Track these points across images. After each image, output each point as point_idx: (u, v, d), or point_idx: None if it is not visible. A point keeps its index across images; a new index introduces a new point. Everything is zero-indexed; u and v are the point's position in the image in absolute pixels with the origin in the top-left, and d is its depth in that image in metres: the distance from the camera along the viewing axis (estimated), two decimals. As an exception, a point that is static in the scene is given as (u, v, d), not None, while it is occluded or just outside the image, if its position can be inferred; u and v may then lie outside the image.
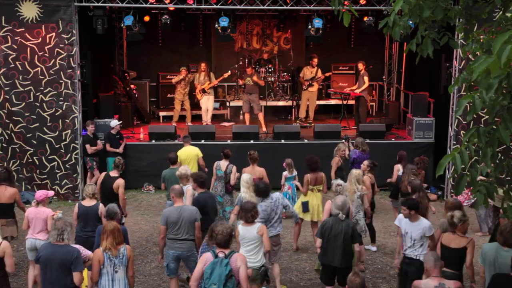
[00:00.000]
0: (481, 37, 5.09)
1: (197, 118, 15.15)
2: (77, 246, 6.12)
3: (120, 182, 8.54)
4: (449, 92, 4.92)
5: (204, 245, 6.29)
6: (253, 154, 9.64)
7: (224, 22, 12.74)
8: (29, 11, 11.54)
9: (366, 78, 14.36)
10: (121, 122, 12.65)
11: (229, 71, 15.07)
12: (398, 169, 10.07)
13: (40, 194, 7.58)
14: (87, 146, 11.81)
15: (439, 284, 5.37)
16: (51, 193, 7.92)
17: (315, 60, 15.18)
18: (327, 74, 15.31)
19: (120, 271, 5.94)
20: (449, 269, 6.26)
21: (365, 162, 9.49)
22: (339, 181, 8.07)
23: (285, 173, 10.44)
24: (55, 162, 11.93)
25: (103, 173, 9.15)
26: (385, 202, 11.83)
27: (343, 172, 10.11)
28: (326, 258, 6.92)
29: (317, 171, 9.19)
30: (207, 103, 14.57)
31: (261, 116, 14.42)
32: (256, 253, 6.68)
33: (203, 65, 14.75)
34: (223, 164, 9.76)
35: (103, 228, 6.05)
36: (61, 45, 11.69)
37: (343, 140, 11.41)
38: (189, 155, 10.49)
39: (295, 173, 10.34)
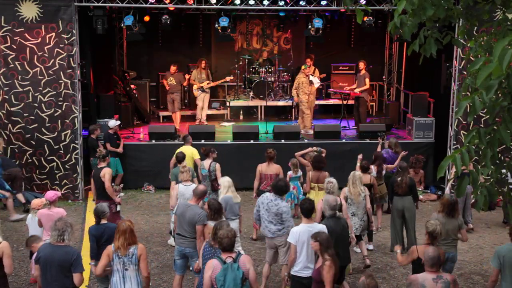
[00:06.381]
0: (484, 38, 5.07)
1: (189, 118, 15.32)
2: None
3: (106, 170, 8.88)
4: (457, 99, 4.84)
5: (206, 246, 6.22)
6: (270, 153, 9.74)
7: (224, 22, 12.76)
8: (29, 11, 11.53)
9: (367, 80, 14.34)
10: (119, 123, 12.63)
11: (232, 76, 15.08)
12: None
13: (52, 194, 7.64)
14: (99, 150, 11.76)
15: (436, 277, 5.40)
16: (59, 193, 8.02)
17: (308, 60, 15.16)
18: (321, 76, 15.29)
19: (131, 269, 6.02)
20: None
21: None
22: (331, 179, 8.00)
23: (289, 173, 10.46)
24: (54, 163, 11.92)
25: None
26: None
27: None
28: (340, 260, 6.85)
29: (321, 170, 9.20)
30: (204, 101, 14.59)
31: (178, 115, 14.55)
32: None
33: (204, 62, 14.72)
34: (206, 163, 9.83)
35: (117, 227, 6.13)
36: (61, 45, 11.67)
37: (378, 137, 11.47)
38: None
39: (299, 173, 10.34)
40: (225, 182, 8.21)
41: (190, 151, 10.59)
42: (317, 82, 14.56)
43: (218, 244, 5.62)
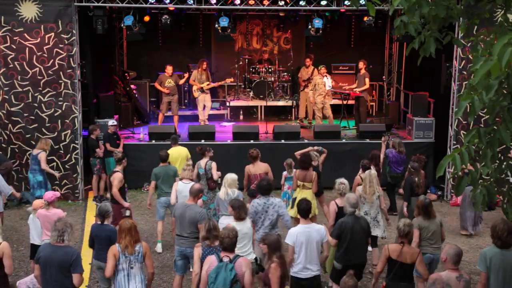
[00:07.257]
0: (487, 38, 5.06)
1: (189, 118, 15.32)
2: None
3: (115, 175, 8.82)
4: (461, 101, 4.74)
5: (205, 248, 6.22)
6: (252, 153, 9.63)
7: (224, 22, 12.76)
8: (29, 11, 11.52)
9: (367, 80, 14.33)
10: (116, 123, 12.57)
11: (231, 78, 15.05)
12: None
13: (50, 195, 7.61)
14: (98, 150, 11.79)
15: (459, 275, 5.47)
16: (58, 193, 8.00)
17: (308, 60, 15.17)
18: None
19: (136, 267, 6.04)
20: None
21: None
22: (343, 180, 7.97)
23: (284, 173, 10.44)
24: (54, 163, 11.90)
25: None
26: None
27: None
28: (348, 258, 6.81)
29: (307, 169, 9.16)
30: (205, 101, 14.56)
31: (177, 118, 14.41)
32: (246, 245, 6.74)
33: (205, 63, 14.70)
34: (202, 162, 9.79)
35: (120, 226, 6.12)
36: (60, 45, 11.66)
37: (383, 137, 11.48)
38: (180, 154, 10.59)
39: None
40: (224, 179, 8.16)
41: (185, 153, 10.55)
42: (329, 85, 14.44)
43: (219, 243, 5.63)
